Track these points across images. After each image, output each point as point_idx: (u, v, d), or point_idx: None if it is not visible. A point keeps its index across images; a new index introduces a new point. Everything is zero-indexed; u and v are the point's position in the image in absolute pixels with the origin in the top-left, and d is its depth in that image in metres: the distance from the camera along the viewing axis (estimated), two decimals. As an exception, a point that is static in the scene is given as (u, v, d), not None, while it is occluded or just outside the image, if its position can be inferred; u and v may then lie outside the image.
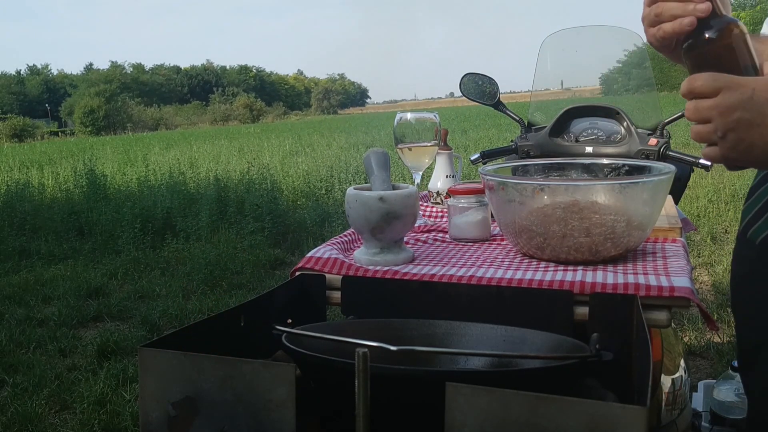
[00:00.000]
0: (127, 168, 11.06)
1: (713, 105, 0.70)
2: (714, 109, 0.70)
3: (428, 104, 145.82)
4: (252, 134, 24.91)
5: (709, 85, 0.70)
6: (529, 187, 1.03)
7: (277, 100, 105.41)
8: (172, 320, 3.67)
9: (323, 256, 1.08)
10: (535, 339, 0.83)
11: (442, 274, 1.00)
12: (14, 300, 4.17)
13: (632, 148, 1.58)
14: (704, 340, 3.01)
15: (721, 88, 0.69)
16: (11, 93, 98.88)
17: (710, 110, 0.70)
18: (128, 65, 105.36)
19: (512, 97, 30.66)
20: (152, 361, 0.69)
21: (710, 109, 0.70)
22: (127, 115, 60.33)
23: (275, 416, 0.65)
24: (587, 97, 2.02)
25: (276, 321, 0.79)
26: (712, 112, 0.70)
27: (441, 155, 1.55)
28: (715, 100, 0.70)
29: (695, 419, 1.75)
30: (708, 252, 4.56)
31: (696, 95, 0.71)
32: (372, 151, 1.10)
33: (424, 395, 0.64)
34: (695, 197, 6.30)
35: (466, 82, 1.80)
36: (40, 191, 8.13)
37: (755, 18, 27.96)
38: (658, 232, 1.19)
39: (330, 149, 13.21)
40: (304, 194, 7.47)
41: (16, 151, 20.42)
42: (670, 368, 1.34)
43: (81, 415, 2.57)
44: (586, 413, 0.54)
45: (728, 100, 0.69)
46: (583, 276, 0.96)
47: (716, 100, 0.70)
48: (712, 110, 0.70)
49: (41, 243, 5.65)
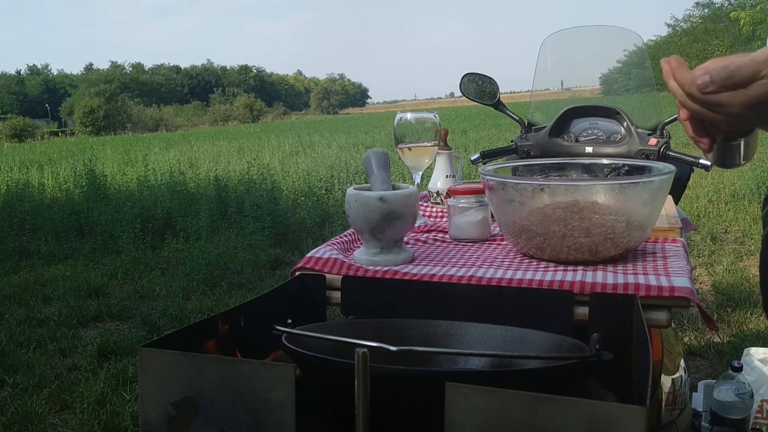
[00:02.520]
0: (127, 168, 11.06)
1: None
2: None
3: (428, 104, 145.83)
4: (252, 134, 24.91)
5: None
6: (529, 187, 1.03)
7: (277, 100, 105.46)
8: (172, 320, 3.67)
9: (323, 256, 1.08)
10: (535, 339, 0.83)
11: (442, 274, 1.00)
12: (14, 300, 4.17)
13: (632, 148, 1.58)
14: (704, 340, 3.01)
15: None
16: (11, 93, 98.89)
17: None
18: (128, 65, 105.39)
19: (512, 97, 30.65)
20: (152, 361, 0.69)
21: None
22: (127, 115, 60.28)
23: (275, 416, 0.65)
24: (587, 97, 2.02)
25: (276, 321, 0.79)
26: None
27: (441, 155, 1.55)
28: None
29: (695, 419, 1.75)
30: (708, 252, 4.55)
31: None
32: (372, 151, 1.10)
33: (423, 395, 0.64)
34: (695, 197, 6.30)
35: (466, 82, 1.80)
36: (40, 191, 8.12)
37: (755, 18, 27.91)
38: (658, 232, 1.19)
39: (330, 149, 13.21)
40: (304, 194, 7.47)
41: (16, 151, 20.42)
42: (670, 368, 1.34)
43: (81, 415, 2.57)
44: (586, 413, 0.54)
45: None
46: (583, 276, 0.96)
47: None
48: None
49: (41, 243, 5.65)
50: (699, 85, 0.70)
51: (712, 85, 0.69)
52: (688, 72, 0.72)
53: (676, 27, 39.98)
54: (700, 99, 0.71)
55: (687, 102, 0.72)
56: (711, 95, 0.69)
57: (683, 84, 0.72)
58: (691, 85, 0.71)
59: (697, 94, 0.70)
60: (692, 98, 0.71)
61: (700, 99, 0.71)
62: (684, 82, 0.72)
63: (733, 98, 0.68)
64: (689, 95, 0.72)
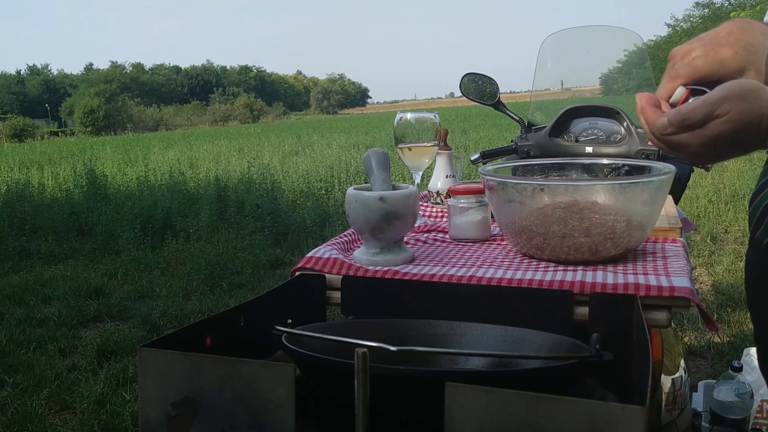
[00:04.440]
0: (127, 168, 11.06)
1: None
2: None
3: (428, 104, 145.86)
4: (252, 134, 24.92)
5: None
6: (529, 187, 1.02)
7: (277, 101, 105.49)
8: (172, 320, 3.67)
9: (323, 256, 1.08)
10: (534, 339, 0.83)
11: (442, 274, 1.00)
12: (14, 300, 4.17)
13: (632, 148, 1.58)
14: (704, 340, 3.01)
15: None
16: (11, 93, 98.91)
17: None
18: (128, 65, 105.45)
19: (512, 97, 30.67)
20: (152, 361, 0.69)
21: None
22: (127, 115, 60.29)
23: (275, 416, 0.65)
24: (587, 97, 2.02)
25: (276, 321, 0.79)
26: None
27: (441, 155, 1.55)
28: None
29: (695, 419, 1.75)
30: (708, 252, 4.56)
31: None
32: (372, 151, 1.10)
33: (423, 395, 0.64)
34: (695, 197, 6.30)
35: (466, 82, 1.80)
36: (40, 191, 8.13)
37: (755, 18, 27.82)
38: (658, 232, 1.19)
39: (330, 149, 13.21)
40: (304, 194, 7.47)
41: (16, 151, 20.42)
42: (670, 368, 1.34)
43: (81, 415, 2.57)
44: (586, 413, 0.54)
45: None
46: (583, 276, 0.96)
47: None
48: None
49: (41, 243, 5.65)
50: (658, 128, 0.71)
51: (670, 127, 0.70)
52: (654, 111, 0.73)
53: (676, 27, 39.95)
54: (661, 140, 0.72)
55: (653, 140, 0.74)
56: (671, 136, 0.70)
57: (648, 123, 0.74)
58: (653, 125, 0.72)
59: (658, 134, 0.72)
60: (656, 137, 0.73)
61: (662, 140, 0.72)
62: (649, 122, 0.74)
63: (692, 138, 0.70)
64: (653, 134, 0.73)
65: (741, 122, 0.67)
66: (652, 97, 0.75)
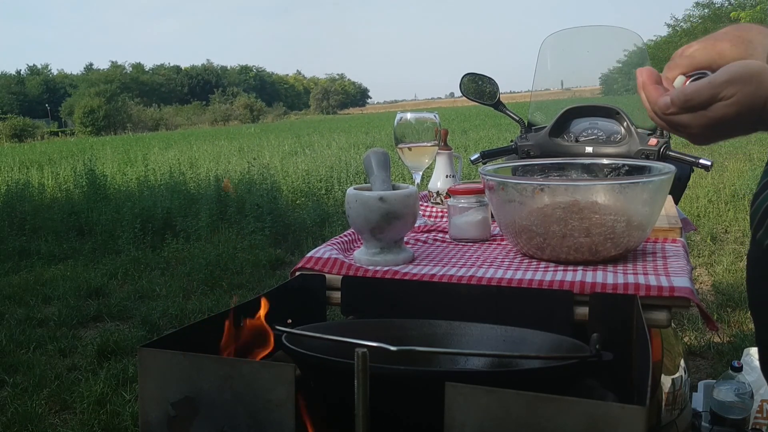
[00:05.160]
0: (127, 168, 11.06)
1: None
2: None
3: (428, 104, 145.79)
4: (252, 134, 24.92)
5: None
6: (529, 187, 1.02)
7: (277, 101, 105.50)
8: (172, 320, 3.67)
9: (323, 256, 1.08)
10: (534, 339, 0.83)
11: (442, 274, 1.00)
12: (14, 300, 4.17)
13: (632, 148, 1.58)
14: (704, 340, 3.01)
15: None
16: (11, 93, 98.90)
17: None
18: (128, 65, 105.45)
19: (512, 97, 30.66)
20: (152, 361, 0.69)
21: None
22: (127, 115, 60.28)
23: (275, 416, 0.65)
24: (587, 97, 2.02)
25: (276, 321, 0.79)
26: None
27: (441, 155, 1.55)
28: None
29: (695, 419, 1.75)
30: (708, 252, 4.56)
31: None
32: (372, 151, 1.10)
33: (423, 395, 0.64)
34: (695, 197, 6.30)
35: (466, 82, 1.80)
36: (40, 191, 8.12)
37: (755, 18, 27.92)
38: (658, 232, 1.19)
39: (330, 149, 13.21)
40: (304, 194, 7.47)
41: (16, 151, 20.41)
42: (670, 368, 1.34)
43: (81, 415, 2.57)
44: (586, 413, 0.54)
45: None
46: (583, 276, 0.96)
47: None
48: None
49: (41, 243, 5.65)
50: (660, 107, 0.71)
51: (672, 107, 0.70)
52: (656, 89, 0.73)
53: (676, 27, 39.93)
54: (663, 119, 0.72)
55: (654, 117, 0.74)
56: (673, 116, 0.70)
57: (649, 101, 0.73)
58: (655, 103, 0.72)
59: (660, 113, 0.71)
60: (657, 116, 0.73)
61: (663, 119, 0.72)
62: (650, 100, 0.73)
63: (694, 120, 0.69)
64: (654, 113, 0.73)
65: (745, 105, 0.66)
66: (653, 73, 0.74)
